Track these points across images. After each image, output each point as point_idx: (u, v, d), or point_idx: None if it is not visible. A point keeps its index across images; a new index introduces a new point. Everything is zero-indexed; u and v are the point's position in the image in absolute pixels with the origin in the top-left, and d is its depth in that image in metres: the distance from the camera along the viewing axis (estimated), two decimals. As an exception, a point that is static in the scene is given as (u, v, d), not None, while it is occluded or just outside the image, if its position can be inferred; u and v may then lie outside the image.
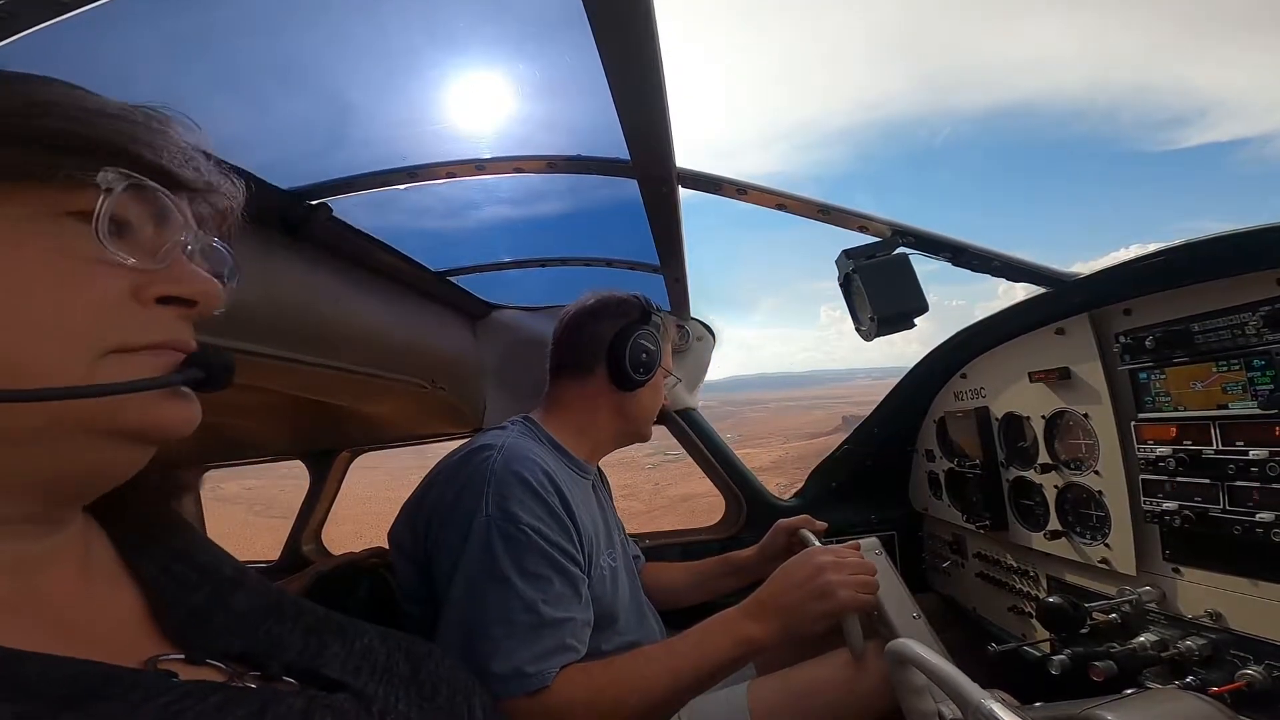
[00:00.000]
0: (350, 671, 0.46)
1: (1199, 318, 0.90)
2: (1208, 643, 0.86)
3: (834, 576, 0.90)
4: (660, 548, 1.82)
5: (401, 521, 0.98)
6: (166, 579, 0.43)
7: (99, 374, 0.34)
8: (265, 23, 0.73)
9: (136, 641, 0.40)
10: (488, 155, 1.04)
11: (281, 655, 0.44)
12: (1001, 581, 1.37)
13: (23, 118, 0.34)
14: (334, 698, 0.42)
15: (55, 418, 0.33)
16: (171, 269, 0.38)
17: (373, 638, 0.51)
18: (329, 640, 0.48)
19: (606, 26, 0.61)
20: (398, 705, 0.46)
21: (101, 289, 0.35)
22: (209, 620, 0.43)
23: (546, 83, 0.88)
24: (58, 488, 0.37)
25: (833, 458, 1.86)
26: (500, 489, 0.87)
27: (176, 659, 0.39)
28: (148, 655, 0.38)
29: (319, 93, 0.87)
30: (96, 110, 0.37)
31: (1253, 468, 0.82)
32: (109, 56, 0.68)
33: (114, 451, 0.37)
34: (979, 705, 0.48)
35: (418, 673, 0.51)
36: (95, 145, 0.35)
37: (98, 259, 0.35)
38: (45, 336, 0.33)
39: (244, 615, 0.45)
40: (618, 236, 1.41)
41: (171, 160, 0.39)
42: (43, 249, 0.34)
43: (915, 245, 1.11)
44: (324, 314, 1.12)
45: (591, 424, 1.13)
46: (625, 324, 1.11)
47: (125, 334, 0.36)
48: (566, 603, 0.86)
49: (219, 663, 0.41)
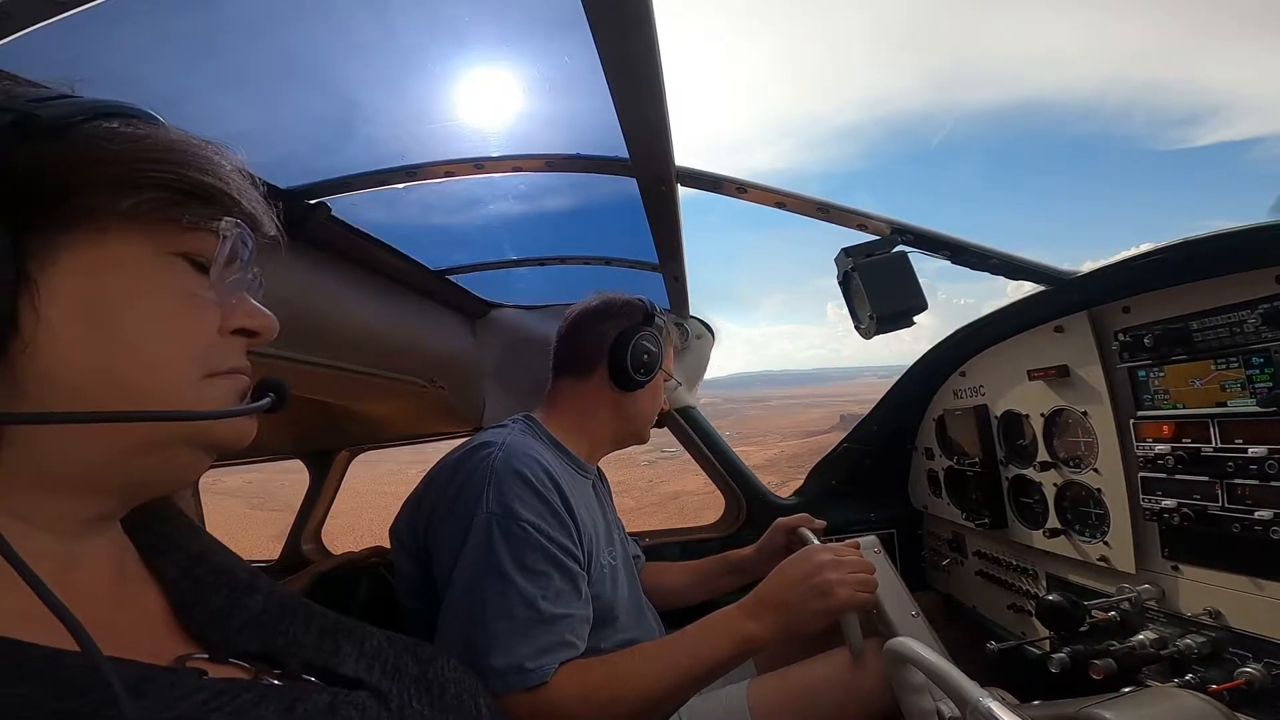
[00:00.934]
0: (364, 670, 0.48)
1: (1198, 315, 0.90)
2: (1207, 640, 0.86)
3: (833, 575, 0.90)
4: (660, 546, 1.82)
5: (402, 518, 0.98)
6: (188, 582, 0.46)
7: (203, 395, 0.40)
8: (264, 22, 0.73)
9: (163, 641, 0.42)
10: (487, 154, 1.03)
11: (299, 654, 0.46)
12: (1001, 579, 1.38)
13: (163, 164, 0.38)
14: (355, 695, 0.44)
15: (172, 432, 0.39)
16: (241, 303, 0.44)
17: (380, 640, 0.53)
18: (341, 641, 0.50)
19: (605, 25, 0.61)
20: (412, 703, 0.47)
21: (205, 322, 0.41)
22: (229, 621, 0.45)
23: (545, 81, 0.88)
24: (139, 490, 0.42)
25: (832, 456, 1.86)
26: (501, 485, 0.87)
27: (202, 658, 0.41)
28: (175, 654, 0.40)
29: (318, 92, 0.87)
30: (212, 159, 0.42)
31: (1251, 465, 0.82)
32: (108, 56, 0.67)
33: (199, 460, 0.43)
34: (977, 703, 0.49)
35: (426, 672, 0.52)
36: (216, 193, 0.41)
37: (198, 294, 0.41)
38: (168, 361, 0.39)
39: (260, 616, 0.47)
40: (617, 235, 1.41)
41: (255, 205, 0.44)
42: (165, 284, 0.39)
43: (914, 243, 1.11)
44: (323, 313, 1.12)
45: (590, 423, 1.13)
46: (628, 325, 1.11)
47: (217, 361, 0.42)
48: (566, 599, 0.86)
49: (241, 662, 0.43)
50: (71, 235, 0.35)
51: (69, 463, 0.37)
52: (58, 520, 0.38)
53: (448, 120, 0.96)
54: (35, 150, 0.35)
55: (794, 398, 69.60)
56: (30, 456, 0.35)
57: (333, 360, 1.21)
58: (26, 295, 0.34)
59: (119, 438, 0.37)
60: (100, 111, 0.37)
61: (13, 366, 0.34)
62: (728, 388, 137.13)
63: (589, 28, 0.61)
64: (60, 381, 0.35)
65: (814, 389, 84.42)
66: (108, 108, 0.38)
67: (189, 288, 0.40)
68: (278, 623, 0.47)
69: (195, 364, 0.40)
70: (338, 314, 1.16)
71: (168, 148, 0.39)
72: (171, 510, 0.51)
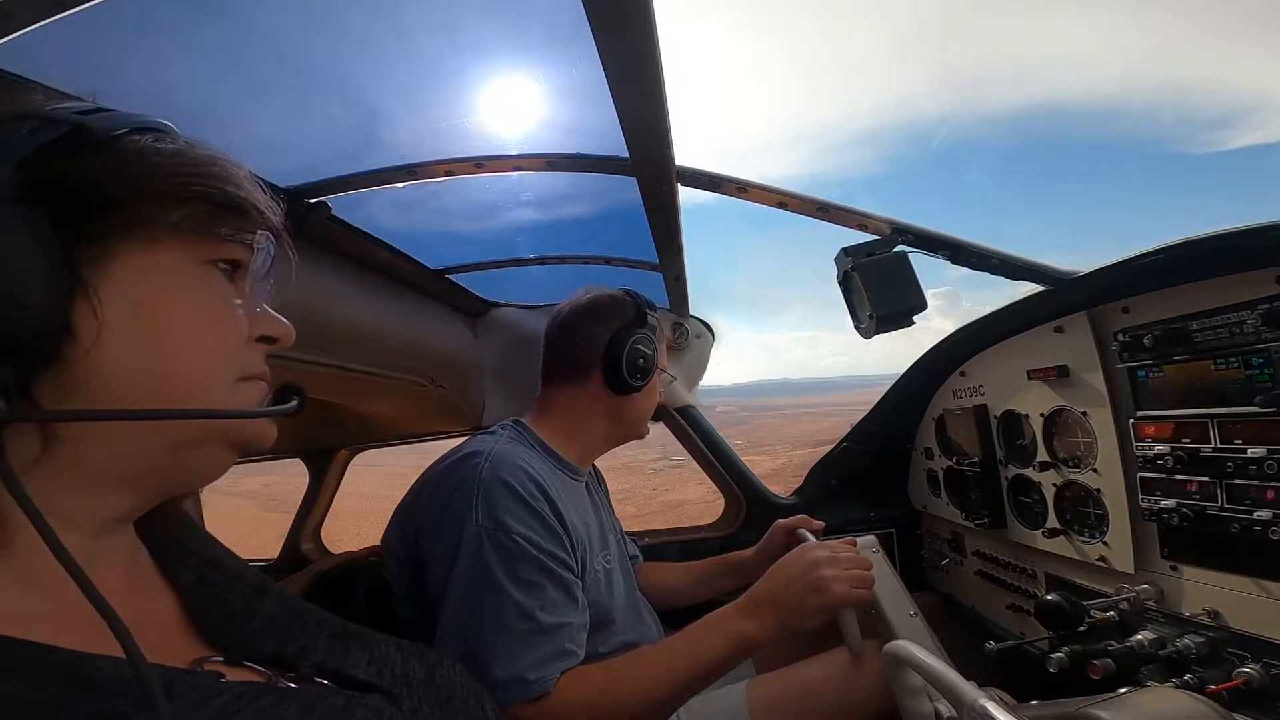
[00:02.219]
0: (375, 674, 0.48)
1: (1197, 316, 0.90)
2: (1205, 641, 0.86)
3: (828, 571, 0.89)
4: (659, 546, 1.82)
5: (393, 527, 0.97)
6: (202, 586, 0.46)
7: (234, 396, 0.42)
8: (263, 22, 0.73)
9: (179, 644, 0.42)
10: (487, 153, 1.03)
11: (311, 657, 0.46)
12: (1000, 579, 1.38)
13: (205, 178, 0.40)
14: (369, 697, 0.44)
15: (210, 430, 0.41)
16: (263, 312, 0.46)
17: (387, 644, 0.54)
18: (351, 645, 0.50)
19: (606, 25, 0.61)
20: (423, 706, 0.48)
21: (237, 329, 0.43)
22: (243, 624, 0.45)
23: (546, 81, 0.88)
24: (169, 488, 0.44)
25: (831, 456, 1.87)
26: (489, 497, 0.86)
27: (218, 661, 0.42)
28: (191, 657, 0.41)
29: (318, 91, 0.87)
30: (237, 172, 0.43)
31: (1251, 465, 0.82)
32: (107, 56, 0.68)
33: (228, 459, 0.44)
34: (974, 704, 0.49)
35: (433, 677, 0.53)
36: (250, 207, 0.43)
37: (231, 302, 0.43)
38: (208, 365, 0.41)
39: (273, 619, 0.47)
40: (617, 234, 1.41)
41: (278, 217, 0.46)
42: (205, 292, 0.41)
43: (914, 243, 1.11)
44: (323, 312, 1.12)
45: (585, 428, 1.11)
46: (621, 326, 1.08)
47: (246, 366, 0.44)
48: (562, 608, 0.86)
49: (255, 665, 0.43)
50: (125, 244, 0.37)
51: (115, 460, 0.38)
52: (87, 519, 0.39)
53: (448, 119, 0.96)
54: (88, 162, 0.36)
55: (811, 405, 68.66)
56: (80, 454, 0.37)
57: (333, 359, 1.21)
58: (85, 302, 0.35)
59: (163, 435, 0.39)
60: (137, 125, 0.39)
61: (70, 369, 0.35)
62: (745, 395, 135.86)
63: (590, 28, 0.61)
64: (113, 383, 0.36)
65: (832, 397, 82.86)
66: (142, 121, 0.40)
67: (224, 296, 0.42)
68: (290, 626, 0.48)
69: (229, 368, 0.42)
70: (338, 313, 1.16)
71: (208, 161, 0.41)
72: (183, 516, 0.51)
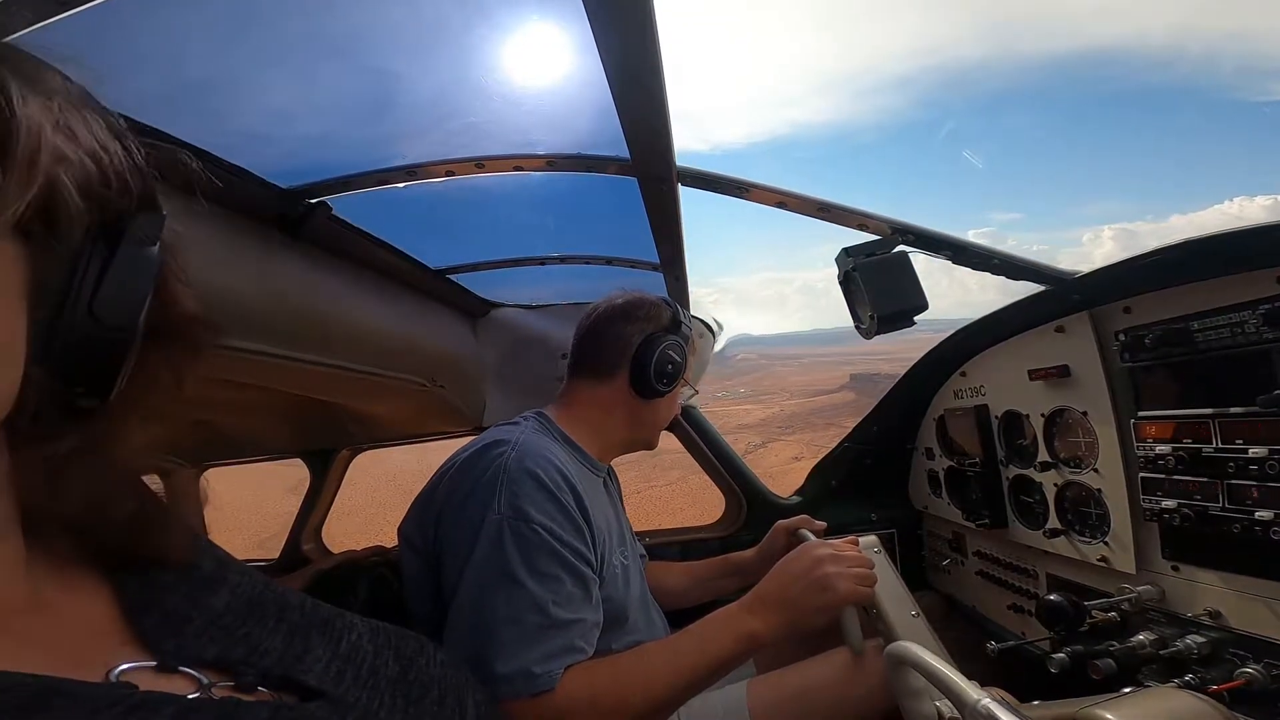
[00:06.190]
0: (332, 677, 0.44)
1: (1198, 316, 0.90)
2: (1207, 641, 0.86)
3: (832, 569, 0.90)
4: (659, 545, 1.82)
5: (411, 517, 0.97)
6: (143, 585, 0.41)
7: None
8: (262, 21, 0.73)
9: (102, 649, 0.37)
10: (488, 153, 1.03)
11: (259, 660, 0.42)
12: (1001, 579, 1.38)
13: None
14: (306, 707, 0.41)
15: None
16: None
17: (361, 635, 0.49)
18: (313, 641, 0.46)
19: (606, 24, 0.61)
20: (379, 712, 0.44)
21: None
22: (185, 623, 0.41)
23: (546, 80, 0.88)
24: None
25: (833, 456, 1.87)
26: (513, 487, 0.85)
27: (147, 666, 0.37)
28: (113, 665, 0.36)
29: (318, 90, 0.87)
30: None
31: (1252, 466, 0.82)
32: (106, 55, 0.67)
33: None
34: (976, 705, 0.49)
35: (407, 672, 0.49)
36: None
37: None
38: None
39: (221, 617, 0.43)
40: (618, 234, 1.41)
41: None
42: None
43: (914, 243, 1.11)
44: (324, 312, 1.12)
45: (605, 426, 1.11)
46: (654, 330, 1.08)
47: None
48: (577, 604, 0.85)
49: (192, 670, 0.38)
50: None
51: None
52: None
53: (449, 119, 0.96)
54: None
55: (827, 355, 67.97)
56: None
57: (333, 359, 1.21)
58: None
59: None
60: None
61: None
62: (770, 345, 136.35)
63: (590, 28, 0.61)
64: None
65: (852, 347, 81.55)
66: None
67: None
68: (241, 624, 0.43)
69: None
70: (338, 313, 1.16)
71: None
72: (150, 512, 0.44)
